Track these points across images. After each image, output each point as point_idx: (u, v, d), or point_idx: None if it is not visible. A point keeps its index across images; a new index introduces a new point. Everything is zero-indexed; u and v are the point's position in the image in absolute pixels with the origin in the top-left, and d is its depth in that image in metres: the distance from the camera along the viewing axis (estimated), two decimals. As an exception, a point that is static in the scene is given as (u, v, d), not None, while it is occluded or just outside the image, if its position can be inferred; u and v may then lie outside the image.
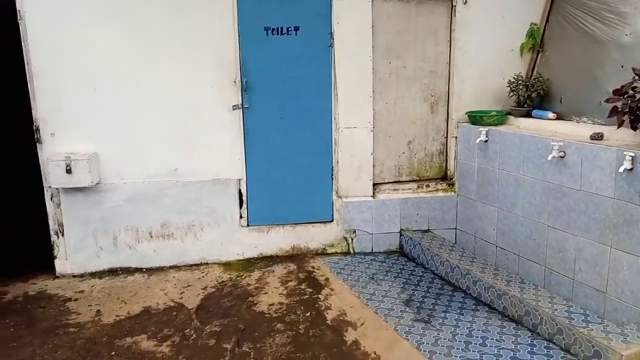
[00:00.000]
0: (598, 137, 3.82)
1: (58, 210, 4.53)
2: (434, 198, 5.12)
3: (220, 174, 4.76)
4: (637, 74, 3.52)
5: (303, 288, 4.34)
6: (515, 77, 4.87)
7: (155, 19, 4.43)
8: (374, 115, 4.96)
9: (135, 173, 4.60)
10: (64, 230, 4.56)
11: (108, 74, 4.42)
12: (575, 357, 3.28)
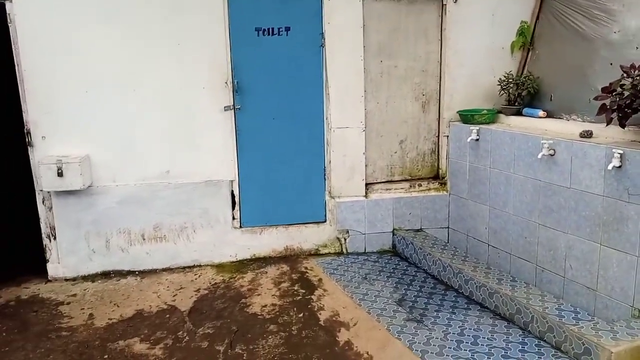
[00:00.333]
0: (587, 134, 3.84)
1: (50, 214, 4.52)
2: (426, 197, 5.13)
3: (213, 176, 4.76)
4: (625, 72, 3.54)
5: (296, 289, 4.35)
6: (506, 75, 4.88)
7: (146, 22, 4.42)
8: (366, 115, 4.97)
9: (127, 175, 4.59)
10: (56, 234, 4.55)
11: (99, 77, 4.40)
12: (566, 354, 3.29)
